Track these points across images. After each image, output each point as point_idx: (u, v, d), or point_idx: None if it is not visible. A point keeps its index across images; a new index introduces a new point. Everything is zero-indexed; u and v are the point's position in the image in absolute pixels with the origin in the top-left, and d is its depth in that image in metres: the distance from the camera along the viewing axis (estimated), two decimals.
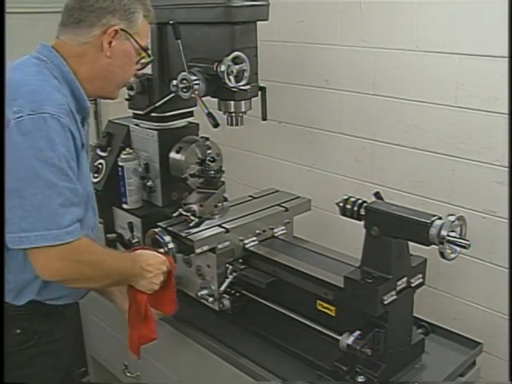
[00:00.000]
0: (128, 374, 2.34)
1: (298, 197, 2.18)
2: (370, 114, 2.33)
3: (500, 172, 1.97)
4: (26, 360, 1.58)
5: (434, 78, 2.09)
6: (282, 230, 2.06)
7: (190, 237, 1.83)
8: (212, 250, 1.86)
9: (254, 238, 1.97)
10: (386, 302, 1.52)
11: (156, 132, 2.16)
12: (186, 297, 1.97)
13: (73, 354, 1.81)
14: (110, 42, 1.53)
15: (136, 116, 2.22)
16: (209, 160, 2.05)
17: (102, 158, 2.26)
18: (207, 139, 2.18)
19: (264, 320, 1.87)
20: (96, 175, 2.24)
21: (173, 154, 2.16)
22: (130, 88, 2.13)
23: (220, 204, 2.02)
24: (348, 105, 2.40)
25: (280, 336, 1.81)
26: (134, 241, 2.14)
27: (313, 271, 1.74)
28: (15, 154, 1.35)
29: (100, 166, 2.24)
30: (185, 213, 1.91)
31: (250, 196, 2.21)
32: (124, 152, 2.17)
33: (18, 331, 1.57)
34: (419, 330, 1.79)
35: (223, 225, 1.92)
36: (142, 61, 1.65)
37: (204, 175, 2.04)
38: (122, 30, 1.53)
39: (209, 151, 2.18)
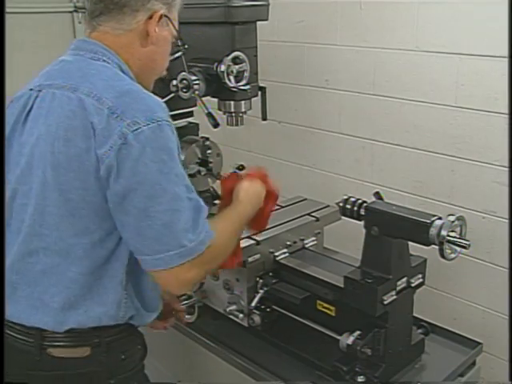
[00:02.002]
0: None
1: (328, 205, 2.07)
2: (369, 114, 2.33)
3: (500, 172, 1.97)
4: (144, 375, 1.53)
5: (434, 78, 2.09)
6: (313, 240, 1.98)
7: None
8: (242, 262, 1.74)
9: (285, 250, 1.88)
10: (385, 302, 1.52)
11: None
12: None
13: None
14: (155, 29, 1.40)
15: None
16: (237, 168, 1.89)
17: None
18: (207, 139, 2.18)
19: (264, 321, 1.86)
20: None
21: None
22: None
23: None
24: (348, 105, 2.40)
25: (280, 336, 1.81)
26: None
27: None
28: (138, 171, 1.22)
29: None
30: None
31: (278, 205, 2.07)
32: None
33: (139, 347, 1.48)
34: (419, 330, 1.79)
35: (253, 236, 1.82)
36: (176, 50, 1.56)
37: None
38: (165, 15, 1.42)
39: (209, 151, 2.18)
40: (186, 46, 1.65)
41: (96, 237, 1.30)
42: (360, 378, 1.58)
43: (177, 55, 1.65)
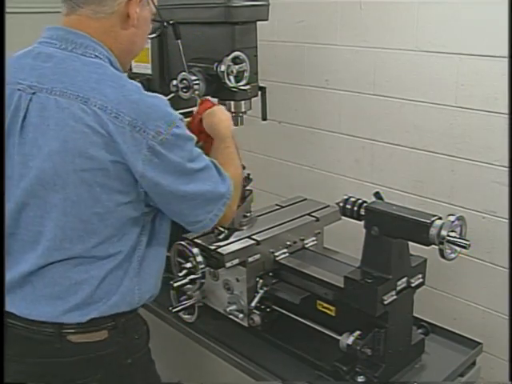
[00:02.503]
0: None
1: (328, 205, 2.07)
2: (369, 114, 2.33)
3: (500, 172, 1.97)
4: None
5: (434, 78, 2.09)
6: (313, 240, 1.98)
7: (219, 250, 1.74)
8: (242, 263, 1.76)
9: (285, 250, 1.88)
10: (385, 302, 1.52)
11: None
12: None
13: None
14: (136, 10, 1.38)
15: None
16: None
17: None
18: None
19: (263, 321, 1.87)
20: None
21: None
22: None
23: (248, 214, 1.94)
24: (348, 105, 2.40)
25: (280, 336, 1.81)
26: None
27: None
28: (174, 170, 1.33)
29: None
30: None
31: (278, 205, 2.12)
32: None
33: (145, 328, 1.56)
34: (419, 330, 1.79)
35: (253, 236, 1.83)
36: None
37: None
38: None
39: None
40: (165, 24, 1.65)
41: (116, 241, 1.37)
42: (360, 378, 1.58)
43: (155, 34, 1.63)
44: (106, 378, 1.42)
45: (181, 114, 2.21)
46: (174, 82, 1.85)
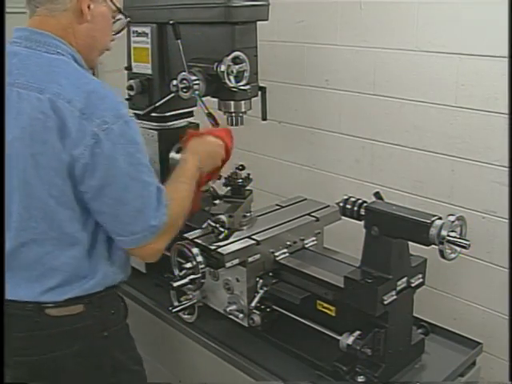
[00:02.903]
0: None
1: (328, 205, 2.07)
2: (369, 114, 2.33)
3: (500, 172, 1.97)
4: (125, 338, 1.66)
5: (434, 78, 2.09)
6: (313, 240, 1.98)
7: (219, 250, 1.75)
8: (242, 263, 1.77)
9: (285, 250, 1.88)
10: (385, 302, 1.52)
11: (156, 132, 2.15)
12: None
13: None
14: (89, 6, 1.46)
15: (136, 116, 2.22)
16: (237, 168, 1.96)
17: None
18: None
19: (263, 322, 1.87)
20: None
21: (173, 154, 2.16)
22: (130, 88, 2.12)
23: (248, 214, 1.94)
24: (348, 105, 2.40)
25: (280, 336, 1.81)
26: None
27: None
28: (112, 166, 1.37)
29: None
30: (213, 224, 1.83)
31: (278, 205, 2.12)
32: None
33: (122, 304, 1.65)
34: (419, 330, 1.79)
35: (253, 236, 1.84)
36: (117, 24, 1.61)
37: (232, 184, 1.96)
38: None
39: None
40: (129, 19, 1.68)
41: (78, 225, 1.45)
42: (360, 378, 1.58)
43: (121, 29, 1.65)
44: (83, 349, 1.52)
45: (181, 113, 2.25)
46: (174, 82, 1.85)
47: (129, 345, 1.67)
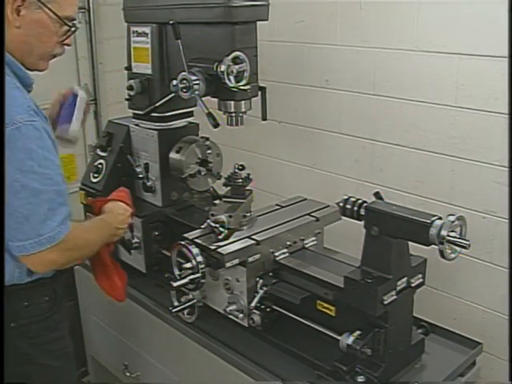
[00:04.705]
0: (128, 374, 2.35)
1: (328, 205, 2.07)
2: (369, 114, 2.33)
3: (500, 172, 1.97)
4: (54, 325, 1.69)
5: (434, 78, 2.09)
6: (313, 240, 1.99)
7: (219, 250, 1.75)
8: (242, 263, 1.77)
9: (285, 250, 1.89)
10: (386, 302, 1.52)
11: (156, 132, 2.16)
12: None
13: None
14: (19, 11, 1.44)
15: (136, 116, 2.22)
16: (237, 168, 1.95)
17: (101, 157, 2.26)
18: (207, 139, 2.18)
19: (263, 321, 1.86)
20: (96, 175, 2.24)
21: (173, 154, 2.16)
22: (130, 88, 2.13)
23: (248, 214, 1.94)
24: (348, 105, 2.40)
25: (280, 336, 1.81)
26: (133, 241, 2.14)
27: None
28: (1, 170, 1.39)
29: (100, 165, 2.24)
30: (213, 224, 1.83)
31: (278, 205, 2.13)
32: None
33: (46, 299, 1.67)
34: (419, 330, 1.79)
35: (253, 236, 1.84)
36: (61, 31, 1.56)
37: (232, 184, 1.96)
38: None
39: (209, 151, 2.18)
40: (78, 27, 1.62)
41: None
42: (360, 378, 1.58)
43: (65, 37, 1.60)
44: None
45: (181, 114, 2.24)
46: (174, 82, 1.85)
47: (45, 339, 1.67)
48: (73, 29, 1.59)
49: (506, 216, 1.97)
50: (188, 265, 1.77)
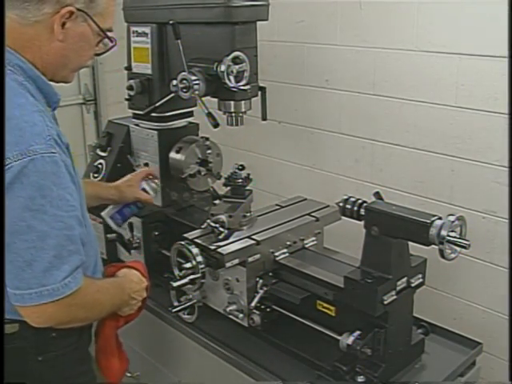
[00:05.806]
0: (128, 374, 2.34)
1: (328, 205, 2.07)
2: (369, 113, 2.33)
3: (500, 172, 1.97)
4: (82, 357, 1.56)
5: (434, 78, 2.09)
6: (313, 240, 1.98)
7: (219, 250, 1.74)
8: (242, 263, 1.77)
9: (285, 250, 1.88)
10: (386, 302, 1.52)
11: (156, 132, 2.16)
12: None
13: None
14: (64, 24, 1.32)
15: (136, 116, 2.22)
16: (237, 168, 1.95)
17: (101, 158, 2.26)
18: (207, 139, 2.18)
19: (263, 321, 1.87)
20: (96, 175, 2.24)
21: (173, 154, 2.16)
22: (130, 88, 2.12)
23: (248, 214, 1.93)
24: (348, 105, 2.40)
25: (280, 336, 1.81)
26: (133, 241, 2.14)
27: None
28: (5, 206, 1.22)
29: (100, 165, 2.25)
30: (213, 224, 1.82)
31: (277, 205, 2.12)
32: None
33: (54, 335, 1.46)
34: (419, 330, 1.79)
35: (253, 236, 1.84)
36: (101, 45, 1.45)
37: (232, 184, 1.95)
38: (80, 10, 1.32)
39: (209, 151, 2.18)
40: (114, 44, 1.49)
41: None
42: (360, 378, 1.58)
43: (103, 52, 1.51)
44: (13, 372, 1.37)
45: (181, 114, 2.24)
46: (174, 82, 1.85)
47: (74, 372, 1.52)
48: (113, 44, 1.47)
49: (506, 216, 1.97)
50: (188, 265, 1.77)
